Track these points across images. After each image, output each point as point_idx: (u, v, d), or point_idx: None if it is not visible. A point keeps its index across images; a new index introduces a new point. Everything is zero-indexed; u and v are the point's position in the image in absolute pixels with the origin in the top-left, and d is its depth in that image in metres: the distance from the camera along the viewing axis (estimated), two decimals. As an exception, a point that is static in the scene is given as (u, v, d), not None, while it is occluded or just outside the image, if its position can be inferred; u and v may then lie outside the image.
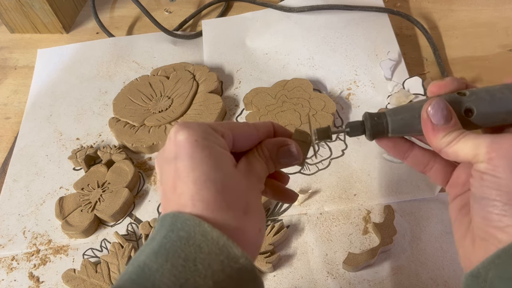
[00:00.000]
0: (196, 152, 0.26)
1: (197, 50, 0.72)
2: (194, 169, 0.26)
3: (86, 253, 0.51)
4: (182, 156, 0.26)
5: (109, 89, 0.68)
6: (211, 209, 0.26)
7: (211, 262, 0.24)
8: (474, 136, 0.28)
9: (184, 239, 0.25)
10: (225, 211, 0.26)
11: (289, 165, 0.32)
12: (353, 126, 0.32)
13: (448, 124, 0.29)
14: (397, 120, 0.31)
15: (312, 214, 0.51)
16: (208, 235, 0.25)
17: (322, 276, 0.46)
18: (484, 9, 0.72)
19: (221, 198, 0.26)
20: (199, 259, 0.24)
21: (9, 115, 0.68)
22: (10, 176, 0.59)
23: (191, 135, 0.27)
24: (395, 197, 0.51)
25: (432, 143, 0.30)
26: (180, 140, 0.27)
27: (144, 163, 0.58)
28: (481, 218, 0.27)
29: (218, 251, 0.25)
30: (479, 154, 0.27)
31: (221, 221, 0.26)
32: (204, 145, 0.27)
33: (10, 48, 0.78)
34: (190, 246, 0.25)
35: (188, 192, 0.26)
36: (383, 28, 0.68)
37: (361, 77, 0.63)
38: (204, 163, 0.26)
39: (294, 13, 0.72)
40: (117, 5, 0.84)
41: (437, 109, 0.29)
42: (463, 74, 0.63)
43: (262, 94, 0.61)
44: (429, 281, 0.45)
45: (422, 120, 0.30)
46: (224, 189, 0.26)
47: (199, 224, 0.25)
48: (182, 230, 0.25)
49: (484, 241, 0.27)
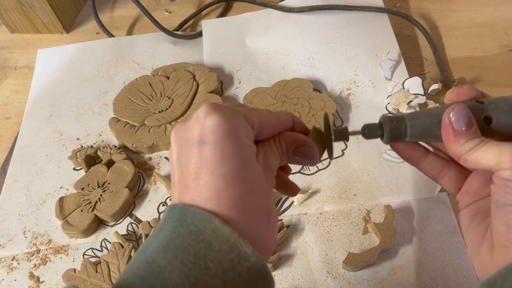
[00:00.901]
0: (228, 143, 0.25)
1: (197, 50, 0.72)
2: (224, 162, 0.25)
3: (86, 253, 0.51)
4: (212, 143, 0.25)
5: (109, 89, 0.68)
6: (237, 210, 0.25)
7: (222, 260, 0.24)
8: (496, 144, 0.28)
9: (194, 234, 0.24)
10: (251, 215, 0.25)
11: (302, 164, 0.31)
12: (371, 128, 0.32)
13: (469, 130, 0.29)
14: (416, 124, 0.30)
15: (312, 214, 0.51)
16: (218, 232, 0.24)
17: (322, 276, 0.46)
18: (484, 9, 0.72)
19: (248, 200, 0.25)
20: (209, 257, 0.23)
21: (9, 115, 0.68)
22: (10, 176, 0.59)
23: (225, 122, 0.25)
24: (395, 197, 0.51)
25: (452, 149, 0.29)
26: (211, 125, 0.25)
27: (144, 163, 0.58)
28: (503, 225, 0.27)
29: (229, 248, 0.24)
30: (503, 161, 0.27)
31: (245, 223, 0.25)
32: (236, 136, 0.25)
33: (10, 48, 0.78)
34: (200, 243, 0.24)
35: (214, 185, 0.25)
36: (383, 28, 0.68)
37: (361, 77, 0.63)
38: (235, 157, 0.25)
39: (294, 13, 0.72)
40: (117, 5, 0.84)
41: (459, 115, 0.29)
42: (463, 74, 0.63)
43: (262, 94, 0.61)
44: (429, 281, 0.45)
45: (443, 125, 0.29)
46: (251, 190, 0.25)
47: (210, 219, 0.24)
48: (192, 224, 0.24)
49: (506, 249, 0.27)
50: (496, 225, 0.28)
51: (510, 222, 0.27)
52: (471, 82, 0.62)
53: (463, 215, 0.32)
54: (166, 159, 0.58)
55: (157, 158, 0.59)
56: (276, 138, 0.30)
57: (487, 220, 0.30)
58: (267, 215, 0.26)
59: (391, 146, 0.33)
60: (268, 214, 0.27)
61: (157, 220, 0.51)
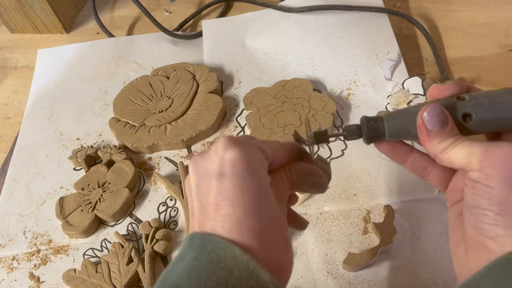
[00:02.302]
0: (247, 176, 0.26)
1: (197, 50, 0.72)
2: (244, 193, 0.25)
3: (86, 253, 0.51)
4: (231, 175, 0.26)
5: (109, 89, 0.68)
6: (258, 240, 0.25)
7: (242, 286, 0.24)
8: (468, 143, 0.27)
9: (215, 261, 0.25)
10: (271, 244, 0.26)
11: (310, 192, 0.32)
12: (349, 130, 0.32)
13: (443, 130, 0.28)
14: (394, 124, 0.31)
15: (312, 214, 0.51)
16: (238, 259, 0.25)
17: (322, 276, 0.46)
18: (484, 9, 0.72)
19: (268, 229, 0.26)
20: (230, 283, 0.24)
21: (9, 115, 0.68)
22: (10, 176, 0.59)
23: (244, 156, 0.26)
24: (395, 197, 0.51)
25: (427, 149, 0.29)
26: (230, 159, 0.26)
27: (144, 163, 0.58)
28: (473, 226, 0.27)
29: (248, 275, 0.24)
30: (472, 162, 0.27)
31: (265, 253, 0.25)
32: (255, 169, 0.26)
33: (11, 48, 0.78)
34: (221, 270, 0.24)
35: (235, 215, 0.25)
36: (383, 28, 0.68)
37: (361, 77, 0.63)
38: (254, 189, 0.26)
39: (294, 13, 0.72)
40: (117, 5, 0.84)
41: (432, 115, 0.28)
42: (463, 74, 0.63)
43: (262, 94, 0.61)
44: (428, 281, 0.45)
45: (418, 125, 0.29)
46: (270, 220, 0.26)
47: (230, 248, 0.25)
48: (213, 252, 0.25)
49: (476, 251, 0.27)
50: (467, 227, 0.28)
51: (478, 224, 0.27)
52: (471, 82, 0.62)
53: (451, 213, 0.31)
54: (166, 159, 0.58)
55: (157, 158, 0.59)
56: (286, 168, 0.31)
57: None
58: (285, 244, 0.27)
59: (375, 145, 0.33)
60: (285, 242, 0.27)
61: (157, 220, 0.51)
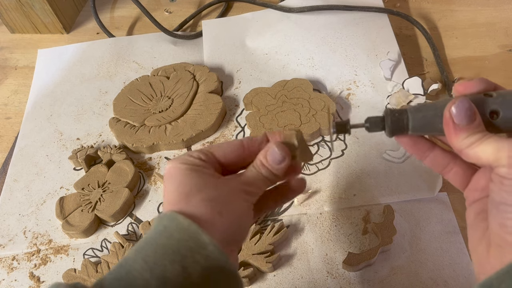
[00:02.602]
0: (172, 173, 0.31)
1: (197, 50, 0.72)
2: (171, 184, 0.31)
3: (86, 253, 0.51)
4: (166, 179, 0.32)
5: (109, 89, 0.68)
6: (174, 205, 0.29)
7: (180, 248, 0.27)
8: (497, 139, 0.27)
9: (161, 231, 0.28)
10: (186, 202, 0.29)
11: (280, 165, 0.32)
12: (373, 121, 0.31)
13: (471, 124, 0.28)
14: (419, 117, 0.30)
15: (312, 214, 0.51)
16: (180, 225, 0.28)
17: (322, 276, 0.46)
18: (484, 9, 0.73)
19: (183, 196, 0.30)
20: (169, 245, 0.27)
21: (9, 115, 0.68)
22: (10, 176, 0.59)
23: (171, 164, 0.32)
24: (395, 197, 0.51)
25: (453, 144, 0.29)
26: (166, 169, 0.32)
27: (144, 163, 0.58)
28: (498, 224, 0.27)
29: (188, 237, 0.27)
30: (500, 157, 0.26)
31: (181, 210, 0.29)
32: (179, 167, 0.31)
33: (11, 48, 0.78)
34: (165, 238, 0.27)
35: (165, 200, 0.31)
36: (382, 28, 0.68)
37: (361, 77, 0.63)
38: (176, 178, 0.31)
39: (294, 13, 0.72)
40: (117, 5, 0.84)
41: (461, 109, 0.28)
42: (463, 74, 0.63)
43: (262, 94, 0.61)
44: (428, 281, 0.45)
45: (444, 119, 0.29)
46: (188, 191, 0.30)
47: (176, 217, 0.28)
48: (161, 225, 0.28)
49: (500, 248, 0.27)
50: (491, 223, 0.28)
51: (504, 221, 0.26)
52: (471, 82, 0.62)
53: (469, 211, 0.31)
54: (166, 159, 0.58)
55: (157, 158, 0.59)
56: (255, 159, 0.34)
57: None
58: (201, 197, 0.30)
59: (396, 139, 0.33)
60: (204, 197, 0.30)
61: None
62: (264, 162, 0.33)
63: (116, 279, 0.26)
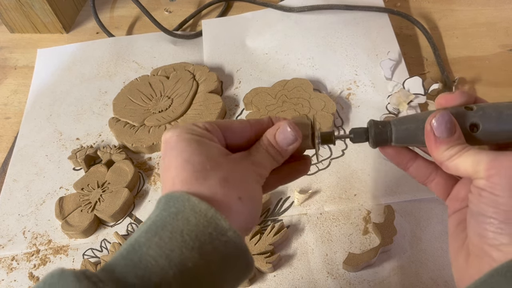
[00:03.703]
0: (178, 144, 0.28)
1: (197, 50, 0.72)
2: (177, 157, 0.28)
3: (86, 253, 0.51)
4: (168, 150, 0.29)
5: (109, 89, 0.68)
6: (188, 185, 0.27)
7: (198, 234, 0.25)
8: (475, 152, 0.28)
9: (174, 214, 0.26)
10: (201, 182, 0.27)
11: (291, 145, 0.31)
12: (356, 132, 0.32)
13: (451, 137, 0.29)
14: (401, 129, 0.31)
15: (312, 214, 0.51)
16: (196, 208, 0.26)
17: (322, 276, 0.46)
18: (484, 9, 0.72)
19: (198, 174, 0.27)
20: (186, 231, 0.25)
21: (9, 115, 0.68)
22: (10, 176, 0.59)
23: (173, 132, 0.29)
24: (395, 197, 0.51)
25: (434, 156, 0.30)
26: (166, 138, 0.29)
27: (144, 163, 0.58)
28: (476, 234, 0.27)
29: (206, 223, 0.25)
30: (479, 170, 0.27)
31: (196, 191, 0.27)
32: (185, 137, 0.29)
33: (10, 48, 0.78)
34: (179, 220, 0.26)
35: (170, 176, 0.28)
36: (383, 28, 0.68)
37: (361, 77, 0.63)
38: (184, 150, 0.28)
39: (294, 13, 0.71)
40: (117, 5, 0.83)
41: (441, 122, 0.29)
42: (463, 74, 0.63)
43: (262, 94, 0.61)
44: (429, 281, 0.45)
45: (426, 131, 0.30)
46: (201, 168, 0.27)
47: (188, 199, 0.26)
48: (173, 206, 0.26)
49: (478, 258, 0.27)
50: (470, 234, 0.28)
51: (482, 232, 0.27)
52: (471, 82, 0.62)
53: (450, 221, 0.32)
54: (166, 159, 0.58)
55: (157, 158, 0.59)
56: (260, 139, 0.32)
57: None
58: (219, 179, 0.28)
59: (380, 150, 0.33)
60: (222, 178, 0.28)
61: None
62: (272, 141, 0.31)
63: (130, 265, 0.24)
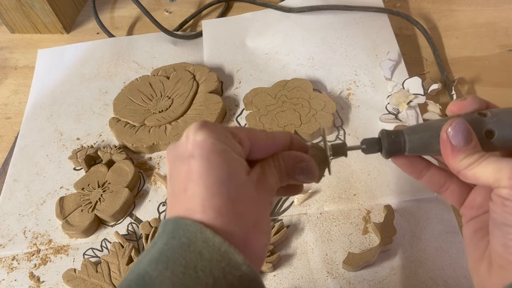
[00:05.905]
0: (213, 156, 0.25)
1: (197, 50, 0.72)
2: (209, 173, 0.25)
3: (86, 253, 0.51)
4: (198, 156, 0.25)
5: (109, 89, 0.68)
6: (221, 218, 0.25)
7: (213, 269, 0.23)
8: (495, 160, 0.27)
9: (185, 245, 0.24)
10: (235, 222, 0.25)
11: (304, 182, 0.31)
12: (369, 143, 0.31)
13: (468, 145, 0.28)
14: (415, 139, 0.30)
15: (312, 214, 0.51)
16: (209, 242, 0.24)
17: (322, 276, 0.46)
18: (484, 9, 0.72)
19: (233, 208, 0.25)
20: (200, 266, 0.23)
21: (9, 115, 0.68)
22: (10, 176, 0.59)
23: (210, 137, 0.26)
24: (395, 197, 0.51)
25: (451, 165, 0.29)
26: (198, 140, 0.26)
27: (144, 163, 0.58)
28: (501, 244, 0.27)
29: (220, 257, 0.24)
30: (501, 179, 0.26)
31: (229, 231, 0.25)
32: (221, 149, 0.26)
33: (11, 48, 0.78)
34: (191, 253, 0.24)
35: (199, 196, 0.25)
36: (383, 28, 0.68)
37: (361, 77, 0.63)
38: (220, 168, 0.25)
39: (294, 13, 0.72)
40: (117, 5, 0.84)
41: (457, 130, 0.28)
42: (463, 74, 0.63)
43: (262, 94, 0.61)
44: (429, 281, 0.45)
45: (441, 140, 0.29)
46: (236, 199, 0.25)
47: (201, 230, 0.24)
48: (184, 236, 0.24)
49: (502, 269, 0.26)
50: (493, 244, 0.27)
51: (508, 242, 0.26)
52: (471, 82, 0.62)
53: (466, 229, 0.31)
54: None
55: (157, 158, 0.59)
56: (274, 157, 0.30)
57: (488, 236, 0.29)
58: (253, 223, 0.26)
59: (392, 160, 0.32)
60: (254, 222, 0.26)
61: (157, 220, 0.51)
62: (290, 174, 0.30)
63: None
